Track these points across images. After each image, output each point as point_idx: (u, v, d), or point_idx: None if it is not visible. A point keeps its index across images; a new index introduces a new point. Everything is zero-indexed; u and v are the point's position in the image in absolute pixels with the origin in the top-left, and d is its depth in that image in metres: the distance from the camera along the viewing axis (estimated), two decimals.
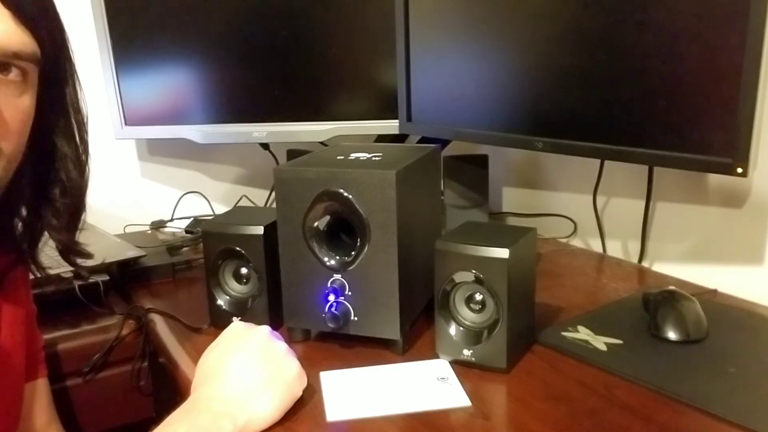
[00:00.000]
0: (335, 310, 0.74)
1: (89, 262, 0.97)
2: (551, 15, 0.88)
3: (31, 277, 0.76)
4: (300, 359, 0.66)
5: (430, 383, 0.68)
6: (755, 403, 0.63)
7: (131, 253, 1.04)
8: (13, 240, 0.67)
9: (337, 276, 0.74)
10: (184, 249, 1.18)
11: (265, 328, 0.67)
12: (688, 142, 0.76)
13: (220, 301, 0.83)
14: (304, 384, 0.65)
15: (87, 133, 0.68)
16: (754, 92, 0.68)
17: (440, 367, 0.71)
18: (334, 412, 0.63)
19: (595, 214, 1.15)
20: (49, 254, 1.01)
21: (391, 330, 0.73)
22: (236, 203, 1.43)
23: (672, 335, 0.75)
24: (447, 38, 1.03)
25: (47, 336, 0.86)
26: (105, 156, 1.37)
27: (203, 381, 0.63)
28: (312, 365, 0.71)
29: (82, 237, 0.74)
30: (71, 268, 0.94)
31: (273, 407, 0.61)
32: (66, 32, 0.63)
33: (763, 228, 0.92)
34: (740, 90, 0.69)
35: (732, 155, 0.71)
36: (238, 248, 0.81)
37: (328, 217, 0.73)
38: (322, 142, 1.26)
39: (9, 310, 0.67)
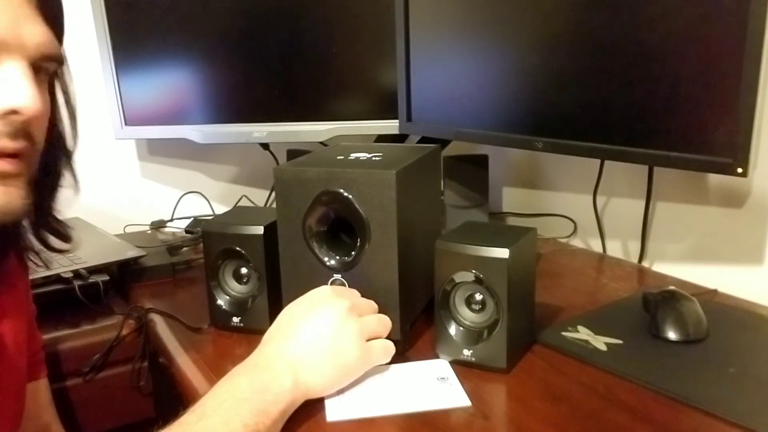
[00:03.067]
0: None
1: (90, 262, 0.98)
2: (551, 15, 0.88)
3: (31, 277, 0.76)
4: None
5: (431, 383, 0.68)
6: (755, 403, 0.63)
7: (131, 253, 1.04)
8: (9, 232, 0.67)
9: (337, 276, 0.74)
10: (184, 249, 1.18)
11: (346, 304, 0.68)
12: (688, 142, 0.76)
13: (220, 301, 0.83)
14: (366, 368, 0.68)
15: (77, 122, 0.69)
16: (754, 92, 0.68)
17: (440, 367, 0.71)
18: (334, 413, 0.63)
19: (595, 214, 1.15)
20: (49, 254, 1.01)
21: (392, 330, 0.73)
22: (236, 203, 1.43)
23: (672, 335, 0.75)
24: (447, 38, 1.03)
25: (47, 336, 0.86)
26: (105, 156, 1.37)
27: (274, 335, 0.67)
28: None
29: (81, 236, 0.74)
30: (71, 268, 0.95)
31: (324, 382, 0.64)
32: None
33: (763, 228, 0.92)
34: (740, 90, 0.69)
35: (732, 155, 0.71)
36: (238, 248, 0.81)
37: (328, 217, 0.73)
38: (322, 142, 1.26)
39: (10, 310, 0.67)
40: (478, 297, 0.70)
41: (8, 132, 0.54)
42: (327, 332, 0.65)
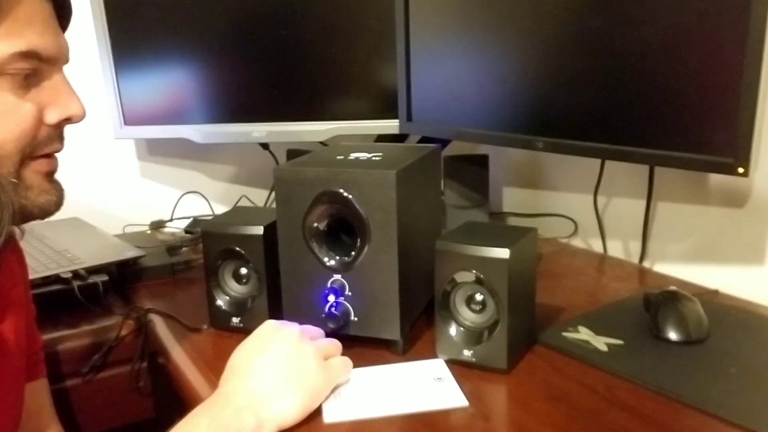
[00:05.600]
0: (335, 310, 0.74)
1: (89, 262, 0.97)
2: (552, 14, 0.88)
3: (31, 277, 0.76)
4: None
5: (427, 383, 0.68)
6: (756, 404, 0.63)
7: (130, 253, 1.04)
8: None
9: (337, 276, 0.74)
10: (184, 249, 1.18)
11: (296, 329, 0.67)
12: (689, 141, 0.76)
13: (219, 302, 0.83)
14: (331, 386, 0.66)
15: None
16: (755, 92, 0.68)
17: (437, 367, 0.71)
18: (330, 414, 0.63)
19: (595, 214, 1.15)
20: (48, 254, 1.01)
21: (391, 330, 0.73)
22: (236, 203, 1.42)
23: (673, 336, 0.75)
24: (447, 38, 1.03)
25: (47, 336, 0.86)
26: (104, 156, 1.36)
27: (230, 376, 0.64)
28: None
29: (81, 236, 0.75)
30: (71, 268, 0.95)
31: (296, 407, 0.61)
32: None
33: (764, 228, 0.91)
34: (741, 89, 0.69)
35: (733, 155, 0.71)
36: (237, 248, 0.81)
37: (328, 218, 0.73)
38: (322, 142, 1.26)
39: (9, 311, 0.67)
40: (479, 297, 0.70)
41: (57, 135, 0.62)
42: (285, 360, 0.64)
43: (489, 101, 0.99)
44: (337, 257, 0.74)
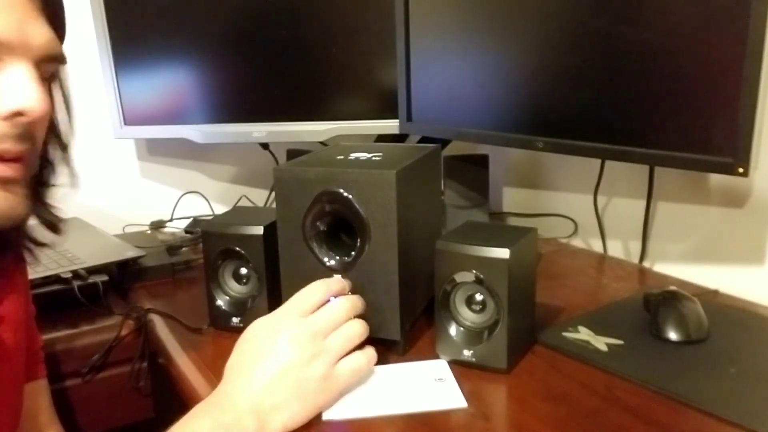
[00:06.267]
0: None
1: (89, 262, 0.97)
2: (552, 14, 0.88)
3: (31, 277, 0.76)
4: None
5: (427, 384, 0.68)
6: (756, 404, 0.63)
7: (130, 253, 1.04)
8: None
9: (337, 276, 0.74)
10: (184, 249, 1.18)
11: (311, 326, 0.64)
12: (689, 141, 0.76)
13: (219, 302, 0.83)
14: (336, 396, 0.64)
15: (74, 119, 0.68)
16: (755, 91, 0.68)
17: (438, 367, 0.71)
18: (329, 412, 0.63)
19: (595, 214, 1.15)
20: (48, 254, 1.01)
21: (392, 330, 0.73)
22: (236, 203, 1.42)
23: (673, 336, 0.75)
24: (447, 38, 1.03)
25: (47, 336, 0.86)
26: (104, 156, 1.36)
27: (233, 374, 0.63)
28: None
29: (81, 236, 0.73)
30: (71, 268, 0.95)
31: (297, 416, 0.61)
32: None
33: (764, 228, 0.91)
34: (741, 89, 0.69)
35: (733, 155, 0.71)
36: (237, 248, 0.81)
37: (328, 218, 0.73)
38: (322, 142, 1.26)
39: (9, 310, 0.67)
40: (479, 297, 0.70)
41: (13, 135, 0.54)
42: (293, 368, 0.61)
43: (489, 101, 0.99)
44: (337, 257, 0.74)
